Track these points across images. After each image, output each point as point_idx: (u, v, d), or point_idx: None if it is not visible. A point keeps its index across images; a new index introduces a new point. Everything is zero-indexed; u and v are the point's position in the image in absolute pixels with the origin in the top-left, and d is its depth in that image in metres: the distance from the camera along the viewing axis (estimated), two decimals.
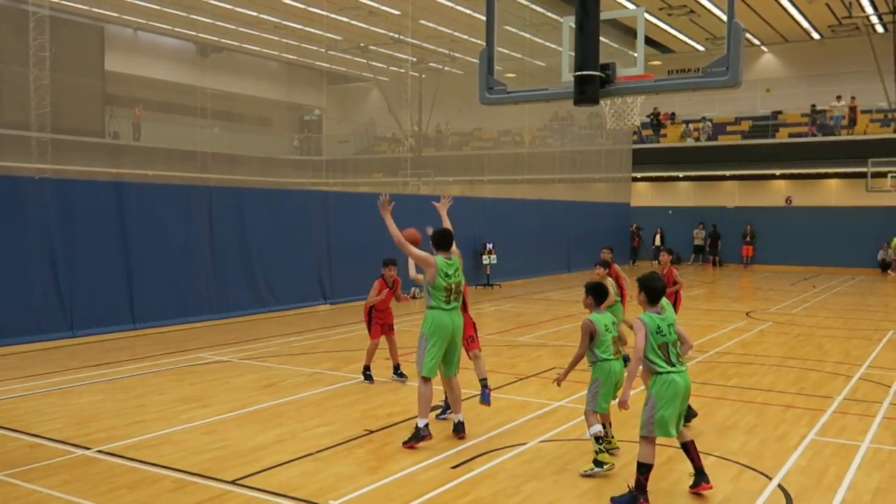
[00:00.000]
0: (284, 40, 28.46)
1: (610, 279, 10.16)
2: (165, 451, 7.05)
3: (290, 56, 29.08)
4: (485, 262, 22.91)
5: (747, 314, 17.34)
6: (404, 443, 7.22)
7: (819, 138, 30.78)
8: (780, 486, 6.30)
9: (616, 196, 32.42)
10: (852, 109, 30.85)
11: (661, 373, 5.74)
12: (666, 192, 35.62)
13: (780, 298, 20.89)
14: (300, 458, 6.91)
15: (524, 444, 7.39)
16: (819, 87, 32.69)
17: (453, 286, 7.33)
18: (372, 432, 7.76)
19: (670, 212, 35.04)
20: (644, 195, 35.40)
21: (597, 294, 6.84)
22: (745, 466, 6.79)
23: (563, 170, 29.66)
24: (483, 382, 8.19)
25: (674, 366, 5.76)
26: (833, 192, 32.15)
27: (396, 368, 10.28)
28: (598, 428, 6.57)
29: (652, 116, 34.86)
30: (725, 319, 16.37)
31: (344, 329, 14.92)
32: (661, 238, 34.70)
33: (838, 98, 31.31)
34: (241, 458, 6.90)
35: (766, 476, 6.53)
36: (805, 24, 31.18)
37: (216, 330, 14.54)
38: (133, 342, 13.10)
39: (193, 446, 7.22)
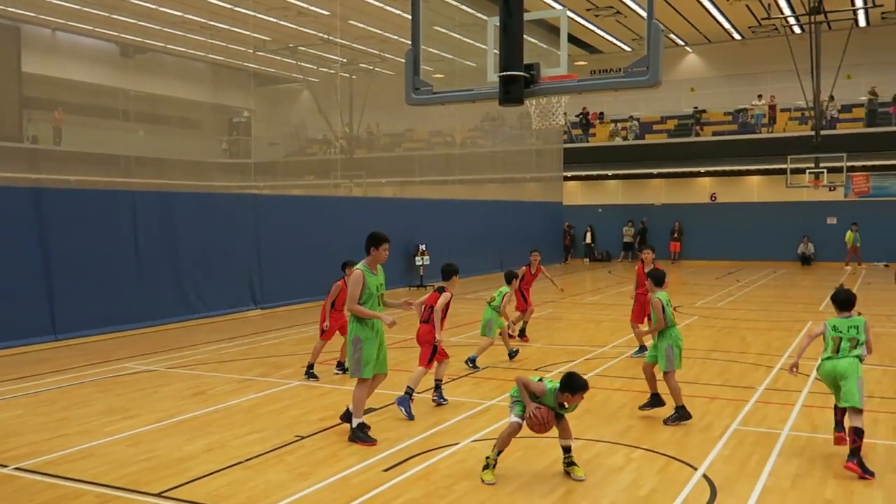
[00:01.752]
0: (211, 41, 27.92)
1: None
2: (88, 466, 6.84)
3: (216, 57, 28.53)
4: (418, 263, 22.91)
5: (675, 309, 17.63)
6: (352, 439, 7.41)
7: (741, 136, 31.71)
8: (704, 475, 6.47)
9: (548, 195, 32.80)
10: (772, 108, 31.89)
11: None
12: (596, 190, 36.21)
13: (706, 293, 21.40)
14: (229, 466, 6.80)
15: (457, 443, 7.40)
16: (741, 86, 33.69)
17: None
18: (303, 438, 7.68)
19: (600, 210, 35.67)
20: (575, 194, 35.91)
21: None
22: (672, 458, 6.95)
23: (495, 170, 29.87)
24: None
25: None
26: (755, 189, 33.17)
27: (341, 364, 10.53)
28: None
29: (581, 116, 35.41)
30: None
31: (276, 334, 14.72)
32: (592, 236, 35.31)
33: (759, 97, 32.31)
34: (168, 469, 6.75)
35: (692, 466, 6.69)
36: (727, 25, 32.11)
37: (143, 339, 14.18)
38: (55, 354, 12.68)
39: (118, 459, 7.02)
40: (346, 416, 7.80)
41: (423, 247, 22.98)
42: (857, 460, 6.39)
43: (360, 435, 7.44)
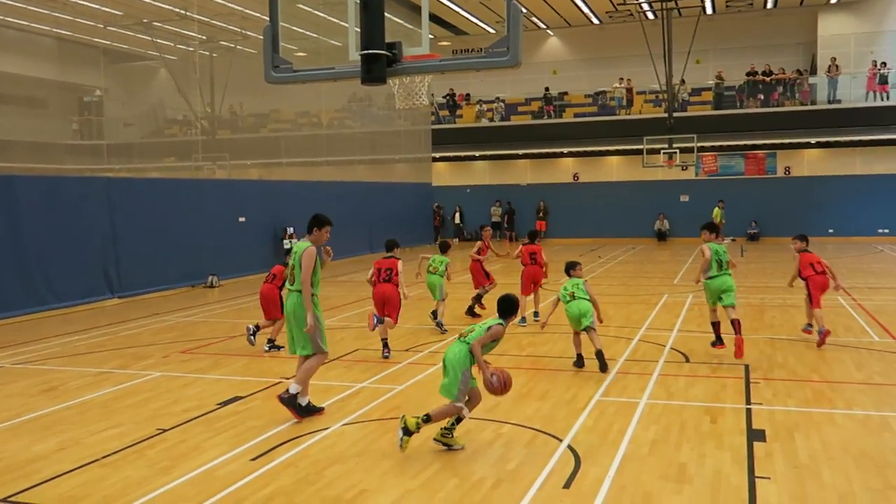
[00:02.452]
0: (56, 14, 26.16)
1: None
2: None
3: (63, 31, 26.77)
4: (285, 245, 22.46)
5: (541, 287, 18.11)
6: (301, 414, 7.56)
7: (601, 118, 32.84)
8: (569, 446, 6.67)
9: (417, 176, 32.87)
10: (629, 91, 33.16)
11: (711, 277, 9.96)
12: (464, 171, 36.63)
13: None
14: (84, 465, 6.44)
15: (327, 428, 7.31)
16: (600, 69, 34.84)
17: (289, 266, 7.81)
18: (165, 431, 7.38)
19: (468, 190, 36.16)
20: (444, 175, 36.19)
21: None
22: (539, 431, 7.13)
23: (364, 151, 29.64)
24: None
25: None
26: (614, 169, 34.53)
27: (272, 341, 11.08)
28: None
29: (448, 97, 35.63)
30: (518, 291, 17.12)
31: (134, 324, 14.08)
32: (461, 216, 35.76)
33: (620, 80, 33.49)
34: (15, 471, 6.32)
35: (557, 438, 6.89)
36: (586, 10, 33.09)
37: None
38: None
39: None
40: (291, 400, 7.54)
41: (291, 230, 22.55)
42: (740, 335, 9.75)
43: (310, 407, 7.67)
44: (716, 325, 10.29)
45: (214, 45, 29.62)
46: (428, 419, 6.46)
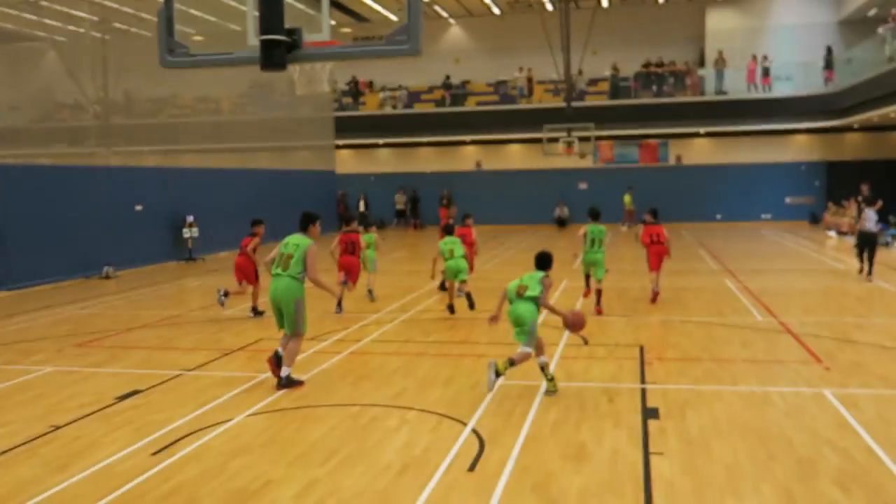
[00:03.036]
0: None
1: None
2: None
3: None
4: (185, 235, 21.83)
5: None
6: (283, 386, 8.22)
7: (503, 107, 33.18)
8: (473, 430, 6.75)
9: (321, 164, 32.43)
10: (530, 80, 33.61)
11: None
12: (368, 158, 36.39)
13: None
14: None
15: (231, 419, 7.16)
16: (502, 59, 35.13)
17: (283, 255, 8.52)
18: (59, 427, 7.07)
19: (373, 178, 35.95)
20: (348, 162, 35.84)
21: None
22: (444, 416, 7.18)
23: (265, 138, 29.01)
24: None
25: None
26: (516, 157, 35.00)
27: (255, 308, 12.69)
28: None
29: (351, 84, 35.25)
30: (425, 279, 17.14)
31: (25, 317, 13.38)
32: (366, 204, 35.51)
33: (520, 69, 33.88)
34: None
35: (462, 423, 6.96)
36: (486, 0, 33.31)
37: None
38: None
39: None
40: (277, 361, 8.36)
41: (191, 218, 21.91)
42: (599, 305, 11.88)
43: (292, 380, 8.28)
44: (597, 293, 12.28)
45: (107, 27, 28.36)
46: (512, 363, 7.64)
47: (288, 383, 8.24)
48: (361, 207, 35.39)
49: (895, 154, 31.42)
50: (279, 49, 5.96)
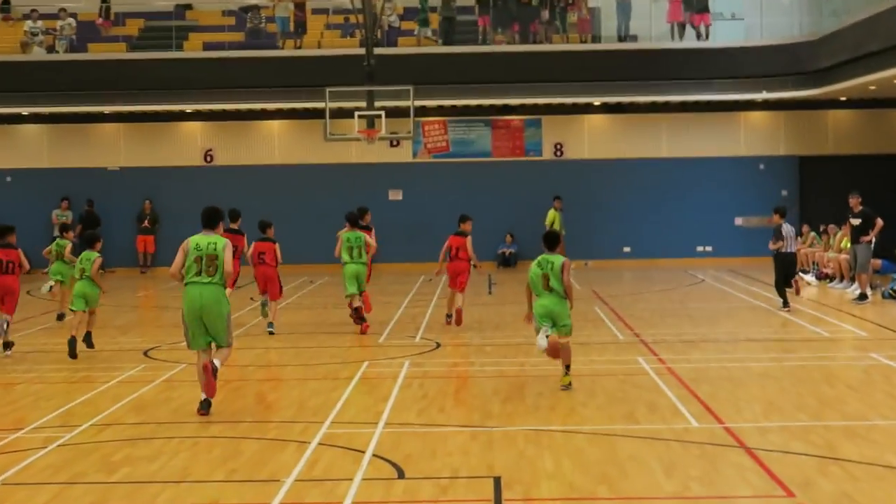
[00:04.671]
0: None
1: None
2: None
3: None
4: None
5: None
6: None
7: (252, 53, 32.54)
8: None
9: None
10: (300, 8, 32.88)
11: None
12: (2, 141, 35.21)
13: None
14: None
15: None
16: None
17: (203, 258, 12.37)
18: None
19: (8, 178, 34.90)
20: None
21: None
22: None
23: None
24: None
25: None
26: (276, 142, 34.62)
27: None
28: None
29: None
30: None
31: None
32: None
33: None
34: None
35: None
36: None
37: None
38: None
39: None
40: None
41: None
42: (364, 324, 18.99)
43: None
44: (356, 311, 18.83)
45: None
46: (568, 367, 13.32)
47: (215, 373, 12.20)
48: None
49: None
50: None
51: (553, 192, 32.42)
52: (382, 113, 28.08)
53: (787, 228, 20.56)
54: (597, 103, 32.51)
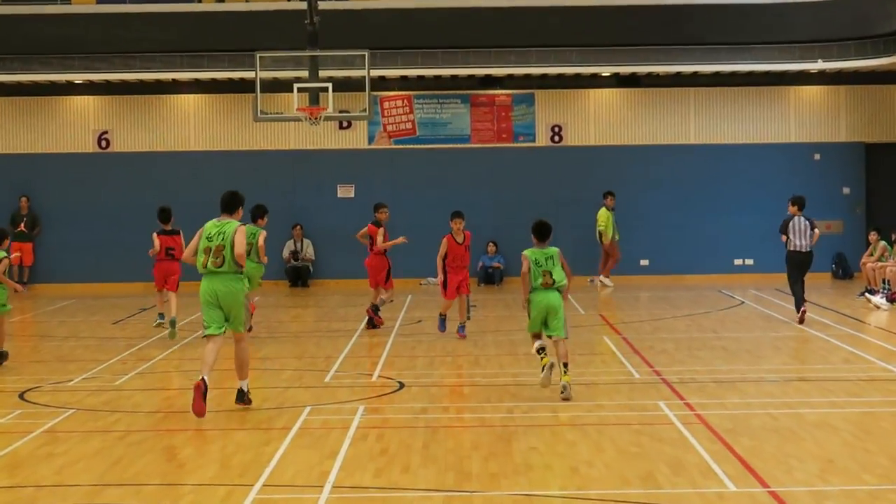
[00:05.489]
0: None
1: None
2: None
3: None
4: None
5: None
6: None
7: (155, 6, 32.42)
8: None
9: None
10: None
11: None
12: None
13: None
14: None
15: None
16: None
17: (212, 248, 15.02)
18: None
19: None
20: None
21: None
22: None
23: None
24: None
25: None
26: (191, 121, 34.70)
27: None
28: None
29: None
30: None
31: None
32: None
33: None
34: None
35: None
36: None
37: None
38: None
39: None
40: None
41: None
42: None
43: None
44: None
45: None
46: (566, 365, 15.48)
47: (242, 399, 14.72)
48: None
49: None
50: None
51: (550, 187, 32.96)
52: (329, 86, 28.14)
53: (797, 222, 22.40)
54: (605, 74, 32.69)
